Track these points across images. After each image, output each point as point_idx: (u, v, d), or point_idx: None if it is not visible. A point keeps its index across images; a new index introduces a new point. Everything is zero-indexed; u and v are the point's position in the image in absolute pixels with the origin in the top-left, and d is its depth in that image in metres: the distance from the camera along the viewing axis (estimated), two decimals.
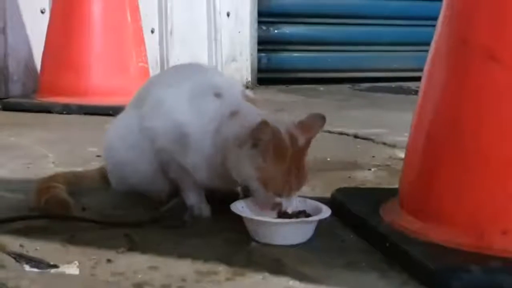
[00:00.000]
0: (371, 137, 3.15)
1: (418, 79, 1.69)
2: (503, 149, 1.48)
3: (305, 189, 2.16)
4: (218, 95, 1.84)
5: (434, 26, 1.68)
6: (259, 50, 5.60)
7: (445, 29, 1.62)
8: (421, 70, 1.70)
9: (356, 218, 1.78)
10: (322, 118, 1.76)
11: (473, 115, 1.51)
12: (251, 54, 5.55)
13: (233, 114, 1.78)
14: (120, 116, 2.04)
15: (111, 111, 2.16)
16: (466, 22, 1.56)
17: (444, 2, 1.64)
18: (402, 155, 2.16)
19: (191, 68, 2.08)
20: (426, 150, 1.65)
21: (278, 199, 1.70)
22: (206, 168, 1.80)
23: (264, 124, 1.65)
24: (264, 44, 5.61)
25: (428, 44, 1.69)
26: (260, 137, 1.66)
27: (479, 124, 1.50)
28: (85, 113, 3.77)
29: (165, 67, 4.93)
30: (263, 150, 1.66)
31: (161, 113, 1.86)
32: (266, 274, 1.48)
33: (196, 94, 1.86)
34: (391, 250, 1.56)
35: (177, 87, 1.89)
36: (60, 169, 2.31)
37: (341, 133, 3.21)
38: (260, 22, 5.63)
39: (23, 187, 2.09)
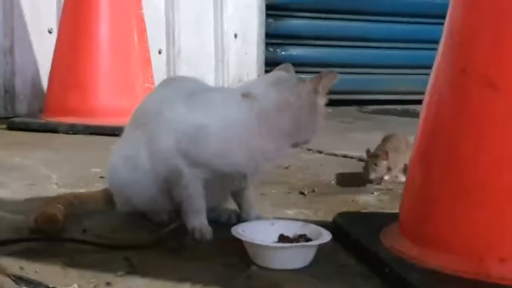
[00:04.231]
0: None
1: None
2: (500, 176, 1.48)
3: (308, 213, 2.17)
4: (211, 88, 1.99)
5: None
6: (266, 72, 5.61)
7: (444, 58, 1.63)
8: None
9: (356, 243, 1.78)
10: None
11: (471, 142, 1.52)
12: (258, 75, 5.56)
13: (246, 95, 1.85)
14: (122, 138, 2.05)
15: (117, 132, 2.16)
16: (465, 51, 1.57)
17: (444, 32, 1.65)
18: (404, 179, 2.16)
19: (180, 79, 2.25)
20: (424, 176, 1.65)
21: None
22: (243, 147, 1.83)
23: (328, 72, 1.87)
24: (271, 65, 5.59)
25: None
26: (328, 83, 1.87)
27: (477, 151, 1.51)
28: (91, 133, 3.78)
29: None
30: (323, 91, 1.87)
31: (166, 129, 1.88)
32: None
33: (192, 92, 1.92)
34: (390, 276, 1.56)
35: (172, 98, 1.93)
36: (63, 190, 2.32)
37: (345, 156, 3.21)
38: (267, 44, 5.66)
39: (25, 208, 2.09)
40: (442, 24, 1.66)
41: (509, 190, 1.47)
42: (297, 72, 1.96)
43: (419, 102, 1.83)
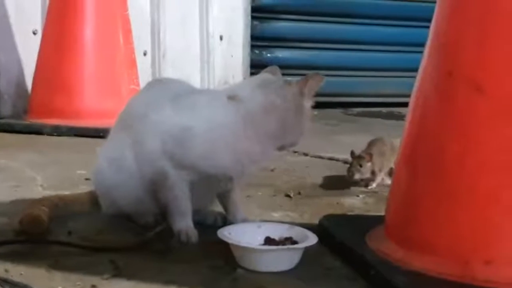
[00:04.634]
0: None
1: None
2: (486, 178, 1.48)
3: (294, 215, 2.17)
4: (197, 90, 2.01)
5: None
6: (251, 74, 5.60)
7: (431, 60, 1.63)
8: None
9: (342, 245, 1.78)
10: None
11: (457, 145, 1.52)
12: (244, 78, 5.55)
13: (232, 97, 1.85)
14: (108, 140, 2.04)
15: (102, 134, 2.16)
16: (452, 53, 1.57)
17: (430, 33, 1.65)
18: (390, 182, 2.16)
19: (166, 81, 2.20)
20: (410, 179, 1.65)
21: None
22: (229, 149, 1.83)
23: (314, 74, 1.88)
24: (257, 68, 5.58)
25: None
26: (315, 86, 1.87)
27: (463, 154, 1.51)
28: (76, 135, 3.75)
29: None
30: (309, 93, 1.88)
31: (152, 131, 1.87)
32: None
33: (178, 94, 1.93)
34: (375, 278, 1.56)
35: (157, 100, 1.92)
36: (48, 192, 2.31)
37: (331, 159, 3.21)
38: (253, 46, 5.64)
39: (9, 210, 2.08)
40: (427, 27, 1.66)
41: (494, 193, 1.48)
42: (283, 74, 1.96)
43: (404, 104, 1.83)
